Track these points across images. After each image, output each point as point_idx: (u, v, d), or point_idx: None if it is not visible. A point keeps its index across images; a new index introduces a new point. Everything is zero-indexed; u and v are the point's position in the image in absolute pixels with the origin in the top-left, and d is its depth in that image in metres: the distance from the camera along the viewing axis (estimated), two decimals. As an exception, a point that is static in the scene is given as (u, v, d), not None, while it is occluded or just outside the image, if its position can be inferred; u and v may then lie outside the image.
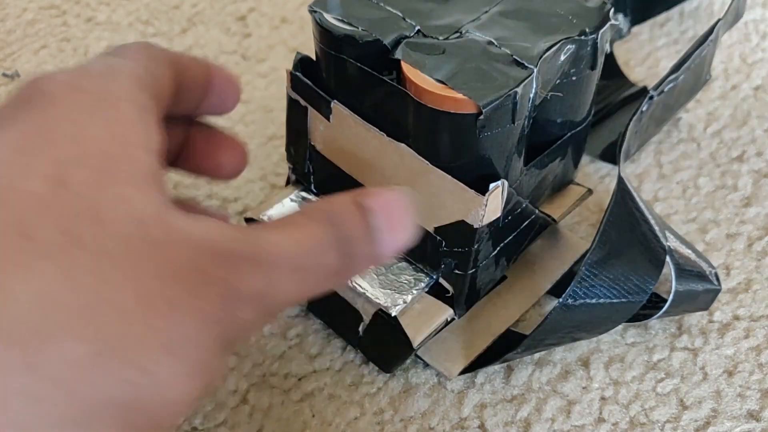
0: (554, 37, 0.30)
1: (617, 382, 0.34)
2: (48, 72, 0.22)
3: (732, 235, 0.39)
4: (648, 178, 0.42)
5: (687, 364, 0.34)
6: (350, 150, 0.32)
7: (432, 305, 0.33)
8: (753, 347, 0.35)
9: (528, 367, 0.34)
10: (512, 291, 0.36)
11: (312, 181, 0.35)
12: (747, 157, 0.43)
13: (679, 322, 0.36)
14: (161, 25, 0.50)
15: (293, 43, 0.50)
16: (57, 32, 0.50)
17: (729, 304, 0.36)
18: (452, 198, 0.30)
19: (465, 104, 0.28)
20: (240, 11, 0.52)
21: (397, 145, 0.30)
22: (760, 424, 0.32)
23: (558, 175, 0.35)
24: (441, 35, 0.30)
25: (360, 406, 0.33)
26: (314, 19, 0.31)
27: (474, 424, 0.33)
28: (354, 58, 0.30)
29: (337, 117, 0.32)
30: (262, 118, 0.45)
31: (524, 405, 0.33)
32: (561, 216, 0.36)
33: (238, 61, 0.48)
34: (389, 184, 0.32)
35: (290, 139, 0.35)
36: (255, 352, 0.35)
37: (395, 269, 0.33)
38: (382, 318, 0.32)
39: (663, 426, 0.33)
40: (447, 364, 0.34)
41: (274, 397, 0.34)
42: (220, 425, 0.33)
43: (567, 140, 0.34)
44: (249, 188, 0.41)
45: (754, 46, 0.50)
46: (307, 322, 0.36)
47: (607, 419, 0.33)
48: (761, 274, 0.38)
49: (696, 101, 0.46)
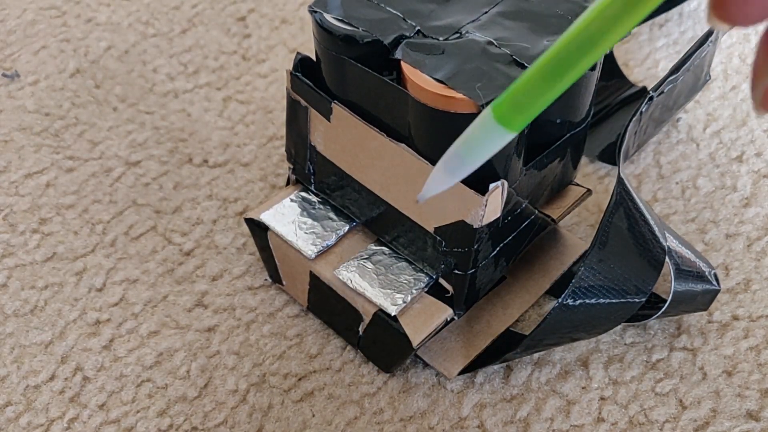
0: (554, 37, 0.30)
1: (616, 382, 0.34)
2: None
3: (731, 235, 0.39)
4: (647, 179, 0.42)
5: (686, 364, 0.35)
6: (350, 150, 0.32)
7: (432, 305, 0.33)
8: (752, 347, 0.35)
9: (527, 367, 0.34)
10: (512, 291, 0.36)
11: (312, 182, 0.35)
12: (746, 158, 0.43)
13: (678, 322, 0.36)
14: (161, 25, 0.51)
15: (293, 43, 0.50)
16: (57, 33, 0.50)
17: (728, 305, 0.36)
18: (452, 198, 0.30)
19: (465, 104, 0.28)
20: (240, 12, 0.52)
21: (397, 145, 0.30)
22: (760, 424, 0.32)
23: (557, 175, 0.35)
24: (441, 35, 0.30)
25: (359, 406, 0.33)
26: (314, 19, 0.31)
27: (473, 423, 0.33)
28: (354, 58, 0.30)
29: (337, 117, 0.32)
30: (262, 118, 0.45)
31: (523, 405, 0.33)
32: (560, 216, 0.36)
33: (238, 62, 0.48)
34: (389, 184, 0.32)
35: (290, 139, 0.35)
36: (255, 352, 0.35)
37: (395, 269, 0.33)
38: (381, 318, 0.32)
39: (662, 426, 0.33)
40: (446, 363, 0.34)
41: (274, 397, 0.34)
42: (220, 425, 0.33)
43: (566, 141, 0.34)
44: (249, 188, 0.41)
45: (753, 46, 0.50)
46: (307, 322, 0.36)
47: (606, 419, 0.33)
48: (760, 274, 0.38)
49: (695, 102, 0.46)
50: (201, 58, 0.49)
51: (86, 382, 0.34)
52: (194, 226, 0.40)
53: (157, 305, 0.37)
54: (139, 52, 0.49)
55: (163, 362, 0.35)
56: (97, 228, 0.40)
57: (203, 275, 0.38)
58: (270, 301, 0.37)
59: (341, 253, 0.34)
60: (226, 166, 0.43)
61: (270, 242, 0.35)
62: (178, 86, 0.47)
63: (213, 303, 0.37)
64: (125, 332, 0.36)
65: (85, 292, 0.37)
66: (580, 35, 0.15)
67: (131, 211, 0.40)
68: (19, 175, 0.42)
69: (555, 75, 0.16)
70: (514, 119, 0.17)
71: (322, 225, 0.35)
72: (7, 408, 0.33)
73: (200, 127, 0.44)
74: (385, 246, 0.34)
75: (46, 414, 0.33)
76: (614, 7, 0.15)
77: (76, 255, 0.39)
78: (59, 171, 0.42)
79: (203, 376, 0.34)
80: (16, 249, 0.39)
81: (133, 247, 0.39)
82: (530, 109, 0.17)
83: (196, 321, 0.36)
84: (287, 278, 0.36)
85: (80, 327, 0.36)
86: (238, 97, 0.46)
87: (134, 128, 0.44)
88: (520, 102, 0.16)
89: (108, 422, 0.33)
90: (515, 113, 0.17)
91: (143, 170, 0.42)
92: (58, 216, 0.40)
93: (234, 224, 0.40)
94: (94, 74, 0.47)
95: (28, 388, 0.34)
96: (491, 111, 0.17)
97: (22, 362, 0.35)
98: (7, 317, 0.36)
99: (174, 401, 0.34)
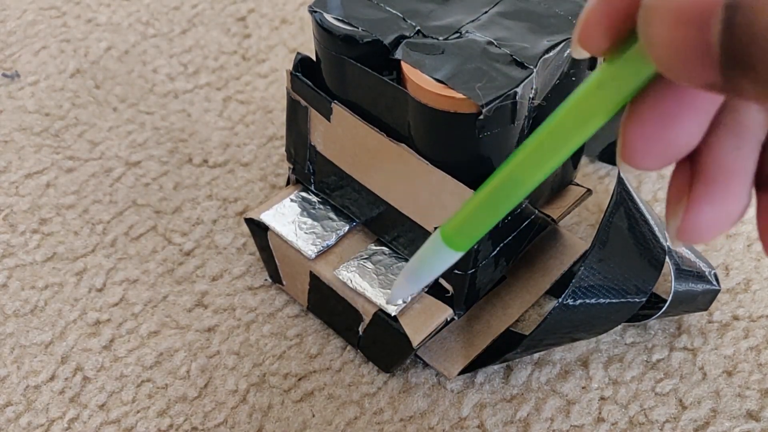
0: (554, 37, 0.30)
1: (616, 381, 0.34)
2: None
3: (731, 235, 0.39)
4: (647, 179, 0.42)
5: (686, 364, 0.34)
6: (350, 150, 0.32)
7: (432, 305, 0.33)
8: (752, 347, 0.35)
9: (527, 367, 0.34)
10: (512, 291, 0.36)
11: (312, 182, 0.35)
12: (746, 158, 0.43)
13: (678, 322, 0.36)
14: (161, 25, 0.51)
15: (293, 43, 0.50)
16: (57, 33, 0.50)
17: (728, 304, 0.36)
18: (452, 198, 0.30)
19: (465, 104, 0.28)
20: (240, 12, 0.52)
21: (397, 145, 0.30)
22: (760, 424, 0.32)
23: (557, 175, 0.35)
24: (441, 35, 0.30)
25: (359, 406, 0.33)
26: (314, 19, 0.31)
27: (473, 423, 0.33)
28: (354, 58, 0.30)
29: (337, 117, 0.32)
30: (262, 118, 0.45)
31: (523, 405, 0.33)
32: (560, 216, 0.36)
33: (238, 62, 0.48)
34: (389, 184, 0.32)
35: (290, 139, 0.35)
36: (255, 352, 0.35)
37: (395, 269, 0.33)
38: (381, 318, 0.32)
39: (662, 426, 0.33)
40: (446, 363, 0.34)
41: (274, 397, 0.34)
42: (220, 425, 0.33)
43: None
44: (249, 188, 0.41)
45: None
46: (307, 321, 0.36)
47: (606, 419, 0.33)
48: (760, 274, 0.38)
49: (695, 102, 0.46)
50: (201, 58, 0.49)
51: (86, 382, 0.34)
52: (194, 226, 0.40)
53: (157, 305, 0.37)
54: (139, 52, 0.49)
55: (163, 362, 0.35)
56: (97, 228, 0.40)
57: (203, 275, 0.38)
58: (270, 301, 0.37)
59: (341, 253, 0.34)
60: (226, 166, 0.43)
61: (270, 242, 0.35)
62: (178, 86, 0.47)
63: (213, 303, 0.37)
64: (125, 332, 0.36)
65: (85, 292, 0.37)
66: (514, 171, 0.18)
67: (131, 211, 0.40)
68: (19, 175, 0.42)
69: (494, 207, 0.18)
70: (460, 242, 0.19)
71: (322, 225, 0.35)
72: (7, 408, 0.33)
73: (200, 127, 0.44)
74: (385, 246, 0.34)
75: (46, 414, 0.33)
76: (543, 148, 0.17)
77: (76, 255, 0.39)
78: (59, 171, 0.42)
79: (203, 376, 0.34)
80: (16, 249, 0.39)
81: (133, 247, 0.39)
82: (474, 233, 0.19)
83: (196, 321, 0.36)
84: (287, 278, 0.36)
85: (80, 327, 0.36)
86: (238, 97, 0.46)
87: (134, 128, 0.44)
88: (464, 228, 0.19)
89: (108, 422, 0.33)
90: (460, 237, 0.19)
91: (143, 170, 0.42)
92: (58, 216, 0.40)
93: (234, 224, 0.40)
94: (94, 74, 0.47)
95: (28, 388, 0.34)
96: (440, 234, 0.19)
97: (22, 362, 0.35)
98: (7, 317, 0.36)
99: (174, 401, 0.34)
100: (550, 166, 0.17)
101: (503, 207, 0.18)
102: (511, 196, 0.18)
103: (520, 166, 0.18)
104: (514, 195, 0.18)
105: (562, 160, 0.17)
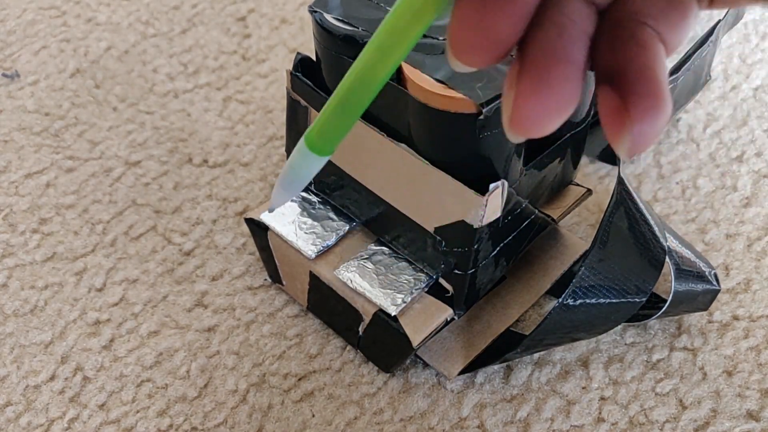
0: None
1: (616, 382, 0.34)
2: None
3: (731, 235, 0.39)
4: (647, 179, 0.42)
5: (686, 364, 0.34)
6: (350, 150, 0.32)
7: (432, 305, 0.33)
8: (752, 347, 0.35)
9: (527, 367, 0.34)
10: (512, 291, 0.36)
11: (312, 182, 0.35)
12: (746, 158, 0.43)
13: (678, 322, 0.36)
14: (161, 25, 0.51)
15: (293, 43, 0.50)
16: (57, 33, 0.50)
17: (728, 304, 0.36)
18: (452, 198, 0.30)
19: (465, 104, 0.28)
20: (240, 12, 0.52)
21: (397, 145, 0.30)
22: (760, 424, 0.32)
23: (557, 175, 0.35)
24: (441, 35, 0.30)
25: (359, 406, 0.33)
26: (314, 19, 0.31)
27: (473, 423, 0.33)
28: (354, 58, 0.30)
29: (337, 117, 0.32)
30: (262, 118, 0.45)
31: (523, 405, 0.33)
32: (560, 216, 0.36)
33: (238, 62, 0.48)
34: (389, 184, 0.32)
35: (290, 139, 0.35)
36: (255, 352, 0.35)
37: (395, 269, 0.33)
38: (381, 318, 0.32)
39: (662, 426, 0.33)
40: (446, 363, 0.34)
41: (273, 397, 0.34)
42: (219, 425, 0.33)
43: (566, 141, 0.34)
44: (249, 188, 0.41)
45: (753, 46, 0.50)
46: (307, 321, 0.36)
47: (606, 419, 0.33)
48: (760, 274, 0.38)
49: (696, 102, 0.46)
50: (201, 58, 0.49)
51: (86, 382, 0.34)
52: (194, 226, 0.40)
53: (157, 305, 0.37)
54: (139, 52, 0.49)
55: (163, 362, 0.35)
56: (97, 228, 0.40)
57: (203, 275, 0.38)
58: (270, 301, 0.37)
59: (341, 253, 0.34)
60: (226, 166, 0.43)
61: (270, 242, 0.35)
62: (178, 86, 0.47)
63: (213, 303, 0.37)
64: (125, 332, 0.36)
65: (85, 292, 0.37)
66: (360, 73, 0.19)
67: (131, 211, 0.40)
68: (19, 175, 0.42)
69: (348, 109, 0.19)
70: (322, 146, 0.20)
71: (322, 225, 0.35)
72: (7, 408, 0.33)
73: (200, 127, 0.44)
74: (385, 246, 0.34)
75: (46, 414, 0.33)
76: (384, 47, 0.18)
77: (76, 255, 0.39)
78: (59, 171, 0.42)
79: (203, 376, 0.34)
80: (16, 249, 0.39)
81: (133, 247, 0.39)
82: (334, 137, 0.20)
83: (196, 321, 0.36)
84: (287, 278, 0.36)
85: (80, 327, 0.36)
86: (238, 97, 0.46)
87: (134, 128, 0.44)
88: (325, 133, 0.20)
89: (108, 422, 0.33)
90: (323, 142, 0.20)
91: (143, 170, 0.42)
92: (58, 216, 0.40)
93: (234, 224, 0.40)
94: (94, 74, 0.47)
95: (28, 388, 0.34)
96: (304, 140, 0.20)
97: (22, 362, 0.35)
98: (7, 317, 0.36)
99: (174, 401, 0.34)
100: (392, 64, 0.18)
101: (356, 109, 0.19)
102: (361, 97, 0.19)
103: (365, 67, 0.19)
104: (365, 96, 0.19)
105: (402, 56, 0.18)
